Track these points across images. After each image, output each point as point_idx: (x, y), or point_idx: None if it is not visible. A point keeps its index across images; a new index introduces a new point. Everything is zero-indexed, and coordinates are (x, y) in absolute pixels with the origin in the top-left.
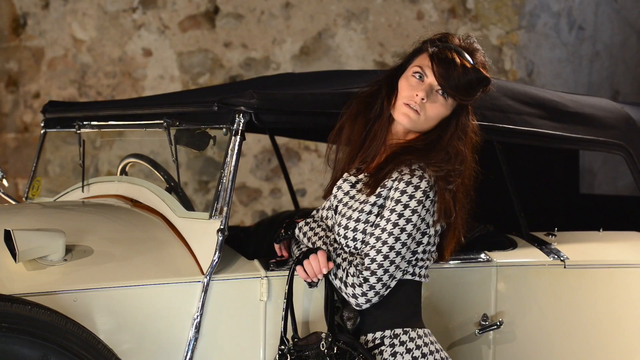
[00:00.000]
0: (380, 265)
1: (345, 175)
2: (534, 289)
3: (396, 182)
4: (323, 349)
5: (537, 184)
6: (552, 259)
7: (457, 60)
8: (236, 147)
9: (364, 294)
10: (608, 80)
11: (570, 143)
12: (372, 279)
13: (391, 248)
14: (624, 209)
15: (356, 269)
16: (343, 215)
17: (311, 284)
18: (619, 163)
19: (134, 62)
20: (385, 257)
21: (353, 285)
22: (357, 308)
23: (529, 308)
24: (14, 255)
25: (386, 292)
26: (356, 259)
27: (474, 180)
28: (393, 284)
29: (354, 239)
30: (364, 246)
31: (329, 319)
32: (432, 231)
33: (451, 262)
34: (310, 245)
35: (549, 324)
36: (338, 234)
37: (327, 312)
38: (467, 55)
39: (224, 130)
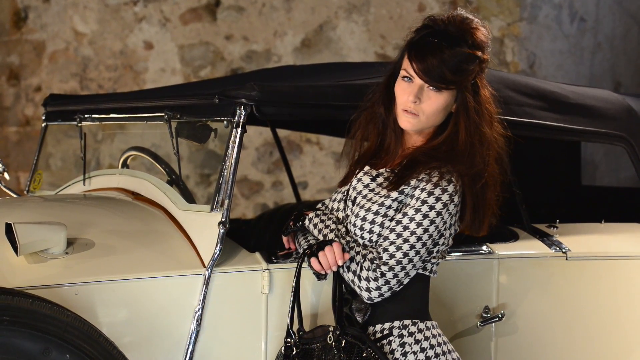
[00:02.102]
0: (398, 262)
1: (366, 168)
2: (536, 281)
3: (423, 183)
4: (330, 342)
5: (539, 176)
6: (553, 250)
7: (434, 49)
8: (237, 140)
9: (378, 288)
10: (609, 71)
11: (571, 135)
12: (389, 275)
13: (412, 247)
14: (625, 200)
15: (372, 263)
16: (362, 207)
17: (320, 277)
18: (621, 155)
19: (135, 55)
20: (405, 254)
21: (367, 279)
22: (369, 302)
23: (531, 300)
24: (15, 248)
25: (398, 289)
26: (371, 253)
27: (505, 146)
28: (406, 281)
29: (371, 232)
30: (381, 240)
31: (337, 312)
32: (448, 233)
33: (453, 254)
34: (320, 237)
35: (550, 316)
36: (354, 225)
37: (335, 305)
38: (452, 37)
39: (225, 122)
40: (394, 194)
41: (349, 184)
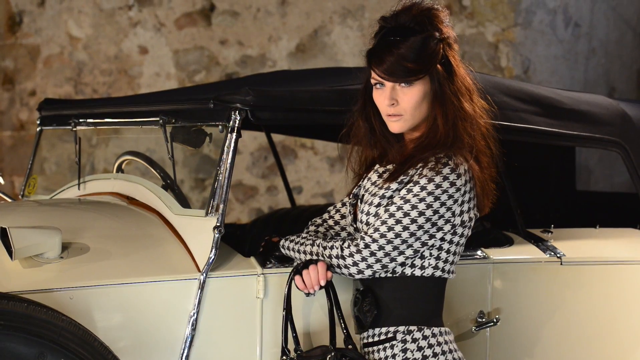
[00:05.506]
0: (382, 235)
1: (376, 166)
2: (531, 286)
3: (421, 169)
4: None
5: (534, 181)
6: (548, 255)
7: (389, 47)
8: (232, 145)
9: (364, 259)
10: (604, 77)
11: (566, 140)
12: (374, 246)
13: (398, 221)
14: (620, 205)
15: (355, 241)
16: (365, 202)
17: (308, 294)
18: (615, 160)
19: (130, 60)
20: (390, 228)
21: (351, 255)
22: (360, 275)
23: (526, 305)
24: (10, 252)
25: (391, 264)
26: (353, 237)
27: (490, 120)
28: (401, 259)
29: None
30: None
31: (331, 331)
32: (457, 220)
33: None
34: (302, 256)
35: (545, 321)
36: (360, 221)
37: (331, 323)
38: (405, 28)
39: (220, 127)
40: (394, 185)
41: (360, 186)
